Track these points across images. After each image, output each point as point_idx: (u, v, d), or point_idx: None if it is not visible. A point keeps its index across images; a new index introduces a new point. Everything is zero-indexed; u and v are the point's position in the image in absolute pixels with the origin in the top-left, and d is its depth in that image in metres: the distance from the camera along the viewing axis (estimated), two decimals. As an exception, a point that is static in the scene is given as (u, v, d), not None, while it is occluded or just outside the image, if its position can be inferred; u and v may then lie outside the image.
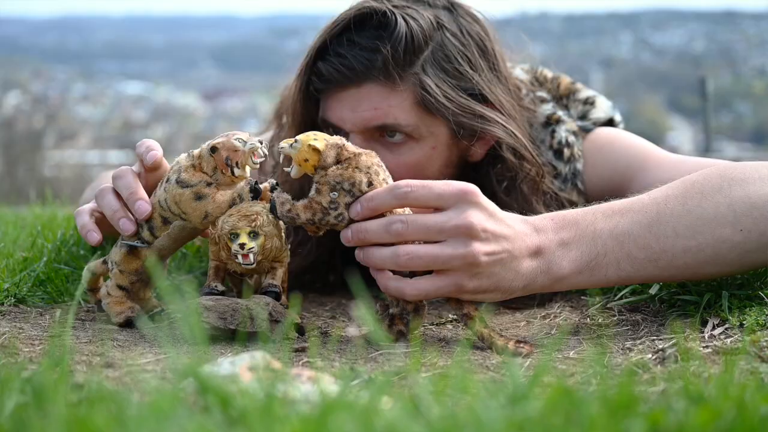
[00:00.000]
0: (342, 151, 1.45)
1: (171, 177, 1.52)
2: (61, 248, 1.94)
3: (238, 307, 1.45)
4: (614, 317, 1.63)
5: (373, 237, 1.43)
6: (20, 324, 1.57)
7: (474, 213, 1.39)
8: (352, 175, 1.43)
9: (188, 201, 1.50)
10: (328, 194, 1.44)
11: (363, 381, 1.15)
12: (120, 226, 1.52)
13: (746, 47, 73.70)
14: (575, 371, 1.27)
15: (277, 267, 1.55)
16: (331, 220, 1.45)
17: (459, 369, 1.11)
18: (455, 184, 1.41)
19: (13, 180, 22.60)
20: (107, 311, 1.59)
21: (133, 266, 1.56)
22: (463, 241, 1.39)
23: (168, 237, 1.54)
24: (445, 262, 1.40)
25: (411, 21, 1.77)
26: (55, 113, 39.00)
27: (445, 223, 1.39)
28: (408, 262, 1.40)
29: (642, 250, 1.45)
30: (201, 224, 1.52)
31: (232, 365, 1.08)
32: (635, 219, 1.46)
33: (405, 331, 1.48)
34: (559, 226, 1.46)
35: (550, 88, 2.08)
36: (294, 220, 1.46)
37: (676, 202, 1.47)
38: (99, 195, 1.56)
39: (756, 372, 1.18)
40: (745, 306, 1.52)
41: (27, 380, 1.03)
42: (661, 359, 1.32)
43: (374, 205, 1.42)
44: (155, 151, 1.54)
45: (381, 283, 1.46)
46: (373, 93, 1.78)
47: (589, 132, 2.01)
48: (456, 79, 1.80)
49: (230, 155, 1.49)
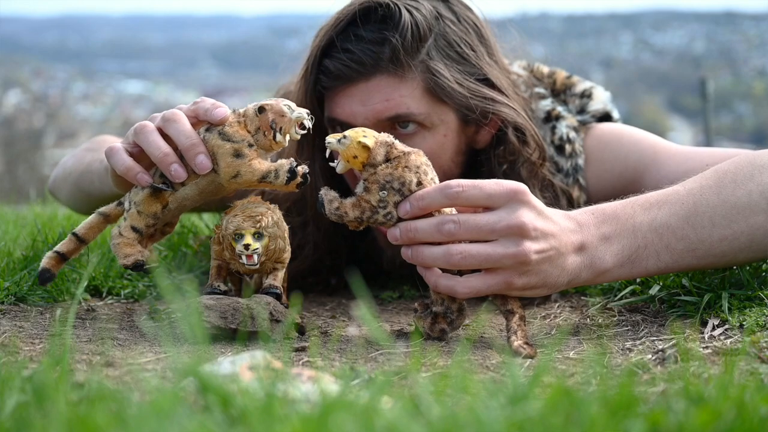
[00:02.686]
0: (391, 150, 1.46)
1: (213, 128, 1.49)
2: (61, 247, 1.93)
3: (239, 307, 1.45)
4: (614, 317, 1.63)
5: (423, 236, 1.44)
6: (21, 323, 1.57)
7: (525, 212, 1.41)
8: (402, 174, 1.44)
9: (226, 155, 1.47)
10: (377, 193, 1.45)
11: (363, 381, 1.15)
12: (171, 171, 1.48)
13: (746, 48, 73.66)
14: (575, 371, 1.27)
15: (279, 268, 1.55)
16: (380, 219, 1.46)
17: (459, 369, 1.11)
18: (505, 183, 1.43)
19: (14, 179, 22.59)
20: (115, 252, 1.55)
21: (153, 209, 1.52)
22: (514, 241, 1.41)
23: (195, 186, 1.51)
24: (496, 261, 1.42)
25: (414, 11, 1.79)
26: (56, 112, 39.00)
27: (496, 223, 1.41)
28: (461, 261, 1.42)
29: (680, 241, 1.49)
30: (227, 182, 1.49)
31: (233, 365, 1.08)
32: (673, 211, 1.49)
33: (447, 330, 1.50)
34: (600, 221, 1.48)
35: (547, 83, 2.09)
36: (342, 217, 1.47)
37: (711, 192, 1.50)
38: (140, 132, 1.50)
39: (756, 373, 1.18)
40: (745, 306, 1.52)
41: (28, 379, 1.03)
42: (661, 360, 1.32)
43: (424, 205, 1.44)
44: (223, 108, 1.50)
45: (430, 281, 1.47)
46: (382, 85, 1.79)
47: (589, 125, 2.01)
48: (461, 65, 1.83)
49: (276, 119, 1.48)
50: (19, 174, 23.70)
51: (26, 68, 54.89)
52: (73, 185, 2.13)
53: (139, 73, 72.79)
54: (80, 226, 1.60)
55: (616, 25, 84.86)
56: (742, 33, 77.15)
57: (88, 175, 2.00)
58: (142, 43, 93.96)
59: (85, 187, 2.04)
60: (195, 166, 1.47)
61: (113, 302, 1.82)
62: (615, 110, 2.11)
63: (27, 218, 2.80)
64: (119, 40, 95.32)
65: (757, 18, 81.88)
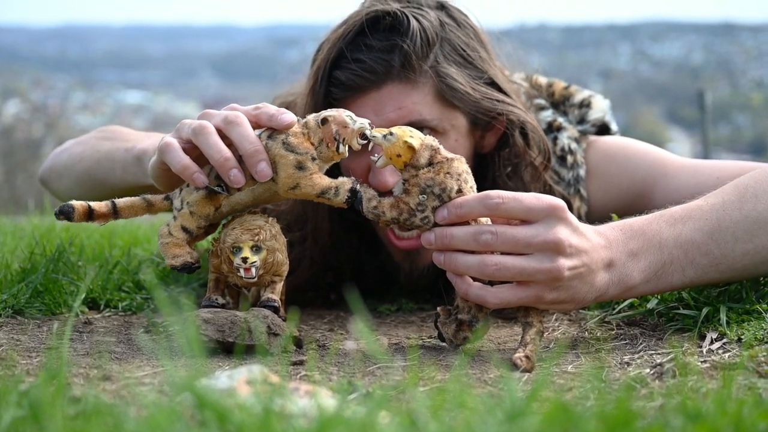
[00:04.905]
0: (435, 154, 1.46)
1: (276, 136, 1.47)
2: (59, 259, 1.93)
3: (236, 320, 1.45)
4: (612, 331, 1.63)
5: (459, 243, 1.44)
6: (18, 336, 1.57)
7: (562, 229, 1.42)
8: (444, 180, 1.44)
9: (288, 165, 1.45)
10: (417, 196, 1.45)
11: (361, 395, 1.15)
12: (230, 176, 1.45)
13: (744, 59, 73.80)
14: (573, 386, 1.27)
15: (277, 281, 1.54)
16: (417, 222, 1.46)
17: (457, 384, 1.11)
18: (544, 198, 1.44)
19: (12, 188, 22.56)
20: (163, 252, 1.52)
21: (206, 210, 1.51)
22: (549, 256, 1.41)
23: (250, 192, 1.50)
24: (530, 275, 1.42)
25: (421, 18, 1.81)
26: (55, 122, 38.97)
27: (533, 238, 1.41)
28: (495, 272, 1.42)
29: (705, 256, 1.51)
30: (284, 192, 1.47)
31: (230, 379, 1.08)
32: (697, 227, 1.51)
33: (470, 338, 1.50)
34: (628, 237, 1.49)
35: (546, 94, 2.09)
36: (379, 217, 1.47)
37: (733, 208, 1.53)
38: (200, 132, 1.47)
39: (754, 387, 1.18)
40: (744, 320, 1.52)
41: (24, 394, 1.03)
42: (659, 374, 1.32)
43: (462, 213, 1.44)
44: (290, 114, 1.48)
45: (461, 289, 1.47)
46: (394, 93, 1.79)
47: (589, 135, 2.02)
48: (468, 69, 1.84)
49: (340, 130, 1.46)
50: (18, 184, 23.67)
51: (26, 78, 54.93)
52: (83, 173, 2.07)
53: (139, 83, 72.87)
54: (122, 199, 1.55)
55: (614, 36, 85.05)
56: (740, 44, 77.31)
57: (107, 163, 1.96)
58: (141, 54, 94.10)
59: (99, 175, 1.99)
60: (255, 173, 1.45)
61: (111, 315, 1.82)
62: (613, 122, 2.11)
63: (25, 229, 2.80)
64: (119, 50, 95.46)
65: (755, 29, 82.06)
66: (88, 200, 1.55)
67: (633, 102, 57.23)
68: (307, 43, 2.01)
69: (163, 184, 1.58)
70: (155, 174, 1.57)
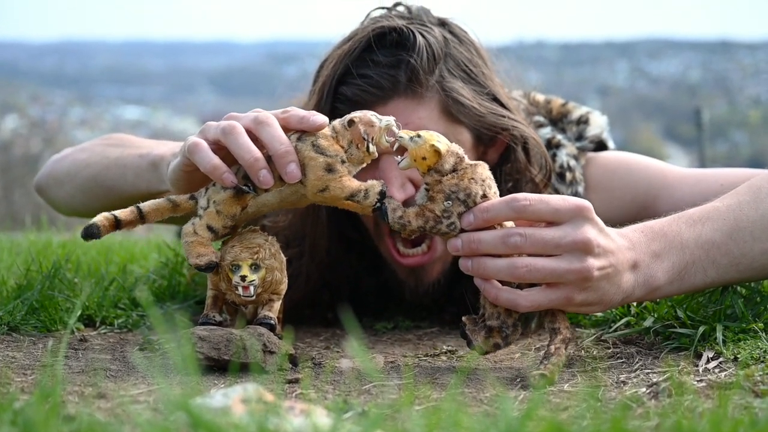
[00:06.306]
0: (460, 161, 1.46)
1: (305, 138, 1.47)
2: (55, 276, 1.93)
3: (232, 338, 1.45)
4: (609, 350, 1.62)
5: (487, 248, 1.44)
6: (13, 353, 1.57)
7: (589, 228, 1.43)
8: (469, 186, 1.44)
9: (317, 168, 1.45)
10: (442, 203, 1.45)
11: (356, 414, 1.15)
12: (260, 177, 1.44)
13: (742, 77, 73.98)
14: (569, 405, 1.26)
15: (275, 299, 1.54)
16: (443, 229, 1.46)
17: (452, 403, 1.11)
18: (570, 199, 1.44)
19: (10, 204, 22.55)
20: (186, 251, 1.50)
21: (233, 210, 1.49)
22: (578, 257, 1.42)
23: (278, 194, 1.49)
24: (560, 276, 1.42)
25: (426, 33, 1.82)
26: (53, 137, 38.93)
27: (562, 238, 1.42)
28: (526, 274, 1.42)
29: (725, 256, 1.53)
30: (313, 195, 1.47)
31: (225, 397, 1.08)
32: (716, 227, 1.53)
33: (501, 345, 1.50)
34: (650, 238, 1.50)
35: (544, 112, 2.10)
36: (405, 227, 1.47)
37: (749, 208, 1.55)
38: (229, 132, 1.46)
39: (750, 407, 1.18)
40: (740, 339, 1.52)
41: (19, 412, 1.02)
42: (655, 393, 1.32)
43: (489, 217, 1.44)
44: (321, 115, 1.47)
45: (490, 294, 1.46)
46: (400, 108, 1.80)
47: (589, 154, 2.02)
48: (471, 84, 1.86)
49: (367, 129, 1.46)
50: (15, 199, 23.66)
51: (24, 93, 54.91)
52: (89, 179, 2.05)
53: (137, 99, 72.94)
54: (147, 203, 1.53)
55: (612, 53, 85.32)
56: (738, 62, 77.56)
57: (117, 169, 1.95)
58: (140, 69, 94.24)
59: (108, 181, 1.98)
60: (285, 175, 1.44)
61: (106, 332, 1.82)
62: (610, 140, 2.12)
63: (22, 245, 2.80)
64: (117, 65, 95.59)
65: (752, 47, 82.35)
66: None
67: (630, 119, 57.38)
68: (306, 59, 2.00)
69: (183, 188, 1.57)
70: (176, 176, 1.56)
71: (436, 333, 1.91)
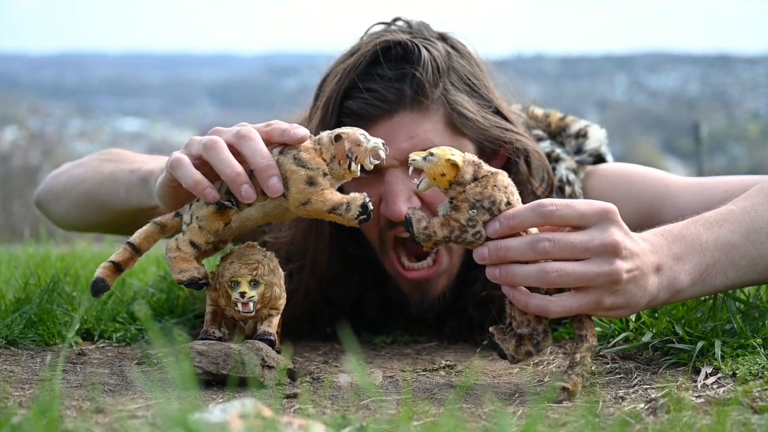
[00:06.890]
0: (479, 169, 1.46)
1: (288, 151, 1.46)
2: (53, 289, 1.93)
3: (230, 353, 1.45)
4: (607, 365, 1.62)
5: (515, 254, 1.43)
6: (11, 367, 1.56)
7: (616, 231, 1.43)
8: (493, 193, 1.44)
9: (299, 181, 1.44)
10: (467, 212, 1.44)
11: (354, 429, 1.15)
12: (242, 191, 1.44)
13: (740, 91, 74.04)
14: (567, 420, 1.26)
15: (274, 314, 1.54)
16: (469, 238, 1.45)
17: (451, 418, 1.11)
18: (595, 203, 1.45)
19: (8, 216, 22.53)
20: (170, 267, 1.50)
21: (215, 225, 1.49)
22: (607, 260, 1.42)
23: (261, 208, 1.49)
24: (590, 280, 1.42)
25: (430, 47, 1.83)
26: (52, 149, 38.96)
27: (590, 242, 1.42)
28: (557, 279, 1.42)
29: (743, 257, 1.55)
30: (295, 208, 1.46)
31: (223, 412, 1.08)
32: (733, 228, 1.55)
33: (533, 352, 1.49)
34: (670, 241, 1.51)
35: (543, 125, 2.10)
36: (430, 237, 1.46)
37: (764, 209, 1.58)
38: (211, 147, 1.46)
39: (748, 423, 1.18)
40: (738, 354, 1.52)
41: (16, 427, 1.02)
42: (653, 409, 1.32)
43: (515, 224, 1.44)
44: (302, 128, 1.48)
45: (520, 301, 1.45)
46: (406, 122, 1.81)
47: (587, 164, 2.03)
48: (474, 97, 1.87)
49: (353, 148, 1.46)
50: (14, 211, 23.65)
51: (23, 105, 54.94)
52: (83, 194, 2.05)
53: (137, 111, 72.94)
54: (135, 235, 1.53)
55: (611, 66, 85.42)
56: (736, 76, 77.69)
57: (110, 184, 1.95)
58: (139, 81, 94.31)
59: (101, 197, 1.98)
60: (267, 189, 1.44)
61: (105, 346, 1.82)
62: (609, 153, 2.12)
63: (20, 258, 2.80)
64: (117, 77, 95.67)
65: (751, 61, 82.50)
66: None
67: (629, 132, 57.44)
68: (305, 71, 2.00)
69: (169, 203, 1.57)
70: (162, 192, 1.57)
71: (434, 347, 1.91)
